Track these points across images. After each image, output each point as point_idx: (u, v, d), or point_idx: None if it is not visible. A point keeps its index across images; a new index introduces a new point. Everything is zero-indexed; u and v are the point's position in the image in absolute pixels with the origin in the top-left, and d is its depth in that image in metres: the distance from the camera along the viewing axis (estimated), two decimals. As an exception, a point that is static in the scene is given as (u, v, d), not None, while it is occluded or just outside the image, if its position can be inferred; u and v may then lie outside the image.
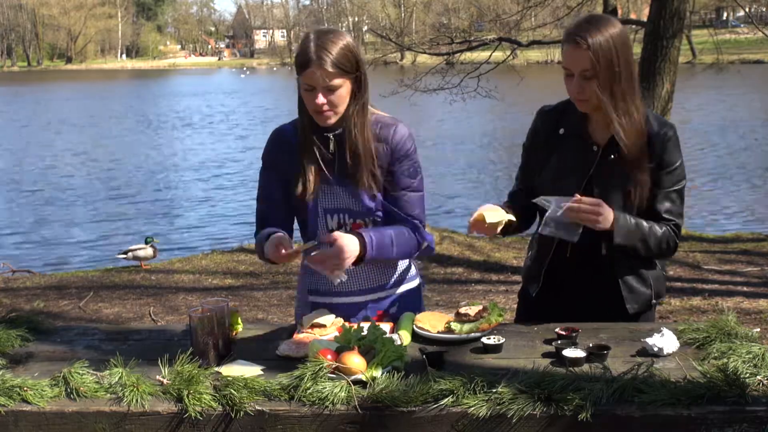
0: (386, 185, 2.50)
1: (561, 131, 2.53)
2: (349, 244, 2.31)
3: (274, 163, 2.54)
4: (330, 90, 2.33)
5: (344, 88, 2.36)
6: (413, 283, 2.71)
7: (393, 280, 2.63)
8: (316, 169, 2.46)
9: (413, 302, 2.68)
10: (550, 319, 2.48)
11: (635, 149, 2.41)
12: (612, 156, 2.44)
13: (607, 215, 2.35)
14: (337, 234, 2.33)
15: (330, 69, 2.30)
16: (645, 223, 2.43)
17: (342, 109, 2.39)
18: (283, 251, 2.32)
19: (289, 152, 2.49)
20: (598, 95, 2.36)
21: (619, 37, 2.38)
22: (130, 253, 8.35)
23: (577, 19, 2.49)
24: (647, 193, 2.44)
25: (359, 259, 2.37)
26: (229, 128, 25.95)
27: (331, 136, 2.45)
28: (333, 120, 2.39)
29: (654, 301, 2.56)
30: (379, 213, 2.51)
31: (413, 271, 2.71)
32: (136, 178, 16.70)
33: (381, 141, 2.46)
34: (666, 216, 2.46)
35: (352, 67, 2.36)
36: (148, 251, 8.35)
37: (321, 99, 2.34)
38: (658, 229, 2.45)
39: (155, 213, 13.24)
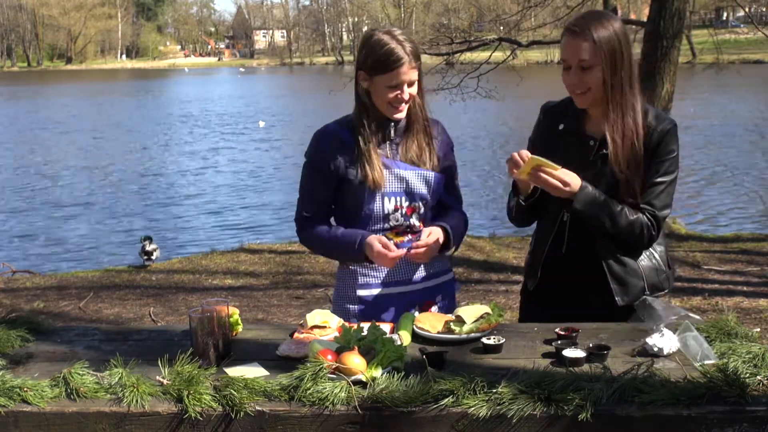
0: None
1: (561, 127, 2.58)
2: (440, 235, 2.54)
3: (323, 161, 2.60)
4: (411, 84, 2.49)
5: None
6: (450, 273, 2.81)
7: (439, 268, 2.73)
8: (378, 154, 2.56)
9: (452, 291, 2.79)
10: (549, 313, 2.50)
11: (627, 145, 2.42)
12: (605, 150, 2.46)
13: (573, 184, 2.38)
14: (430, 228, 2.54)
15: (415, 66, 2.47)
16: (617, 203, 2.44)
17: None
18: (392, 253, 2.45)
19: (340, 148, 2.57)
20: (599, 87, 2.38)
21: (622, 31, 2.42)
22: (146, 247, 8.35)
23: (577, 14, 2.51)
24: (639, 187, 2.45)
25: (443, 247, 2.60)
26: (228, 129, 25.93)
27: (393, 122, 2.57)
28: (405, 112, 2.54)
29: (647, 293, 2.55)
30: (433, 196, 2.63)
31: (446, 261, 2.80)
32: (136, 178, 16.70)
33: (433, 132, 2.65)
34: (643, 205, 2.47)
35: (420, 58, 2.52)
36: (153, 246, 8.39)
37: (407, 95, 2.48)
38: (631, 212, 2.45)
39: (155, 213, 13.23)
